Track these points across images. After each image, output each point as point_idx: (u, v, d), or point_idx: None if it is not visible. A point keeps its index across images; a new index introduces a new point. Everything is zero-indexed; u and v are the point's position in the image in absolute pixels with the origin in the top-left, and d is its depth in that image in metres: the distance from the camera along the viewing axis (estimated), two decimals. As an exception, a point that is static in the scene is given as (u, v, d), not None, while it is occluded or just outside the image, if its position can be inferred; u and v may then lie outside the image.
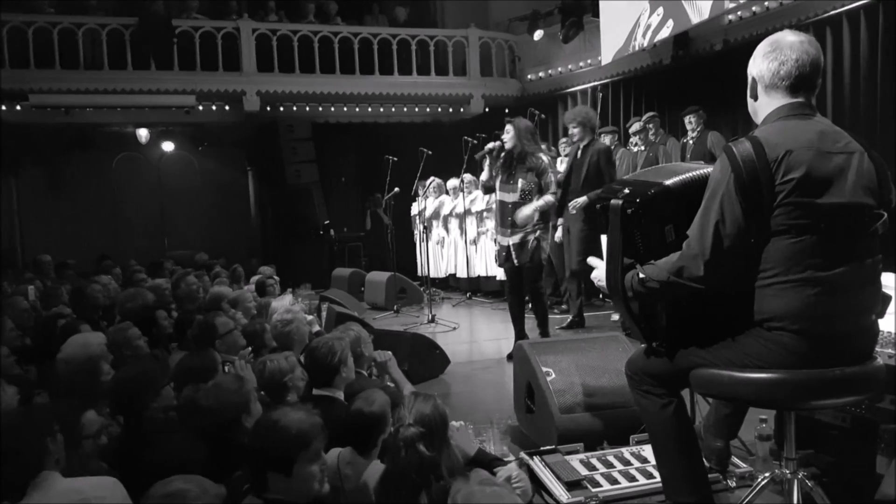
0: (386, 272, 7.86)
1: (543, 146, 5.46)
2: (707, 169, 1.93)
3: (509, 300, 5.03)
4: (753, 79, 1.91)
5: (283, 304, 3.75)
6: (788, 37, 1.87)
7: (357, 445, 2.29)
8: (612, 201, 1.94)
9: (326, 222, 10.40)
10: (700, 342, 1.93)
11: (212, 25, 9.90)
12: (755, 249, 1.77)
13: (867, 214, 1.80)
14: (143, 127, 10.62)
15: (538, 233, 4.66)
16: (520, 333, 4.83)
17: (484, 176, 4.92)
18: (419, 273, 8.99)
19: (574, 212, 5.58)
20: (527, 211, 4.62)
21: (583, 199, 5.48)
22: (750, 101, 1.95)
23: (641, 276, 1.87)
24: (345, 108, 10.69)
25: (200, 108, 9.99)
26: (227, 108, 10.22)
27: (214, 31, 9.86)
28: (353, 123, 10.92)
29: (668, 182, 1.94)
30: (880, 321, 1.95)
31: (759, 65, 1.88)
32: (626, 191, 1.94)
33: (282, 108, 10.38)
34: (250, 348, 3.49)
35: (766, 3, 7.36)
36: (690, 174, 1.94)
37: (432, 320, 6.46)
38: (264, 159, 10.71)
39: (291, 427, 1.83)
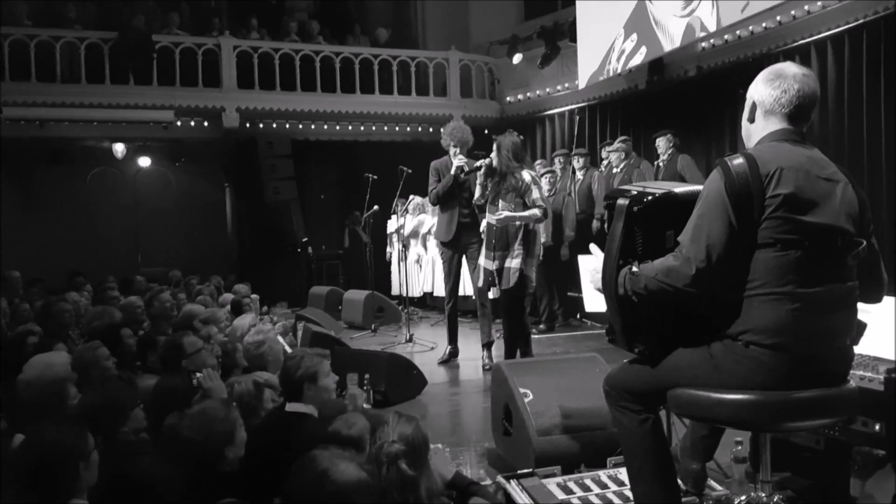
0: (364, 291, 7.80)
1: (535, 163, 5.33)
2: None
3: (503, 324, 4.89)
4: (754, 102, 1.96)
5: (244, 323, 3.67)
6: (792, 67, 1.94)
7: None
8: (619, 200, 2.00)
9: (304, 240, 10.33)
10: (680, 349, 1.94)
11: (192, 41, 9.85)
12: (742, 260, 1.80)
13: (849, 239, 1.84)
14: (120, 142, 10.47)
15: (520, 258, 4.59)
16: (510, 352, 4.76)
17: (477, 193, 4.91)
18: (395, 292, 8.94)
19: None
20: (506, 212, 4.58)
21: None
22: (745, 123, 2.00)
23: (634, 270, 1.91)
24: (325, 126, 10.68)
25: (179, 123, 9.90)
26: (205, 123, 10.15)
27: (195, 46, 9.82)
28: (334, 141, 10.90)
29: (677, 190, 2.02)
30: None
31: (762, 90, 1.93)
32: (635, 192, 2.01)
33: (261, 125, 10.33)
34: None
35: (737, 33, 7.53)
36: (697, 188, 2.00)
37: (410, 340, 6.42)
38: (243, 176, 10.62)
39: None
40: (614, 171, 7.18)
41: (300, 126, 10.54)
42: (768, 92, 1.91)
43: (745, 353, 1.80)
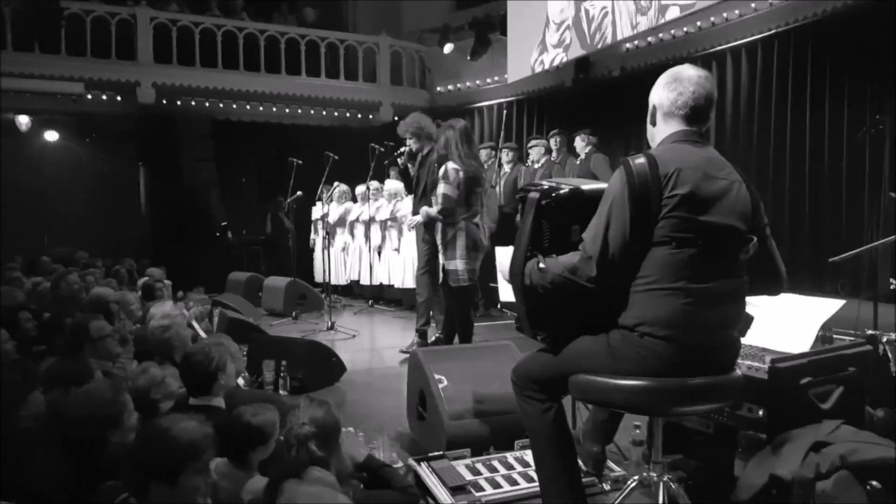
0: (286, 277, 7.69)
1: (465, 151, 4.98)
2: None
3: (447, 316, 4.91)
4: (654, 106, 2.06)
5: (163, 310, 3.58)
6: (688, 70, 2.03)
7: (235, 457, 2.24)
8: (531, 193, 2.08)
9: (224, 224, 10.04)
10: (581, 337, 2.05)
11: (105, 10, 9.35)
12: (640, 256, 1.91)
13: (739, 238, 1.97)
14: (24, 114, 9.85)
15: (463, 259, 4.60)
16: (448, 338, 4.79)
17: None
18: (318, 279, 8.86)
19: (411, 230, 5.40)
20: (415, 217, 4.60)
21: (418, 218, 5.01)
22: (649, 126, 2.10)
23: (541, 266, 1.98)
24: (248, 107, 10.39)
25: (89, 96, 9.39)
26: (118, 98, 9.67)
27: (108, 16, 9.32)
28: (257, 123, 10.63)
29: (584, 187, 2.11)
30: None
31: (660, 94, 2.04)
32: (545, 187, 2.09)
33: (179, 103, 9.94)
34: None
35: (660, 36, 7.87)
36: (601, 185, 2.09)
37: (332, 327, 6.39)
38: (158, 155, 10.21)
39: (182, 437, 1.77)
40: (535, 166, 7.36)
41: (221, 105, 10.22)
42: (666, 95, 2.02)
43: (641, 342, 1.93)
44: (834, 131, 6.41)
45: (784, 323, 2.63)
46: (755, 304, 2.16)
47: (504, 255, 2.23)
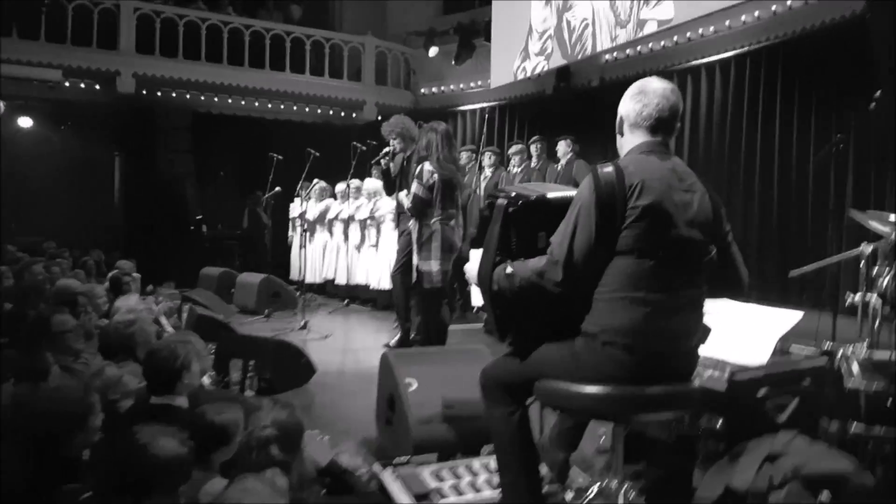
0: (260, 274, 7.62)
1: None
2: None
3: (421, 317, 4.95)
4: (621, 117, 2.10)
5: (128, 304, 3.53)
6: (654, 83, 2.07)
7: (196, 457, 2.21)
8: (499, 200, 2.12)
9: (199, 217, 9.91)
10: (547, 343, 2.08)
11: (88, -1, 9.23)
12: (603, 263, 1.94)
13: (699, 249, 2.02)
14: (-2, 98, 9.65)
15: (437, 260, 4.61)
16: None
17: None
18: (294, 277, 8.80)
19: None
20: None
21: (402, 195, 4.99)
22: (618, 136, 2.14)
23: (509, 270, 2.01)
24: (229, 100, 10.30)
25: (67, 84, 9.23)
26: (97, 87, 9.52)
27: (91, 4, 9.18)
28: (238, 117, 10.53)
29: (550, 195, 2.14)
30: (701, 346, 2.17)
31: (627, 105, 2.08)
32: (513, 194, 2.12)
33: (159, 94, 9.82)
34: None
35: (638, 48, 7.98)
36: (569, 193, 2.13)
37: (304, 327, 6.33)
38: (135, 145, 10.06)
39: (159, 455, 1.73)
40: (514, 171, 7.39)
41: (202, 98, 10.12)
42: (632, 106, 2.06)
43: (602, 350, 1.96)
44: (801, 147, 6.58)
45: (743, 334, 2.68)
46: (715, 314, 2.21)
47: (472, 261, 2.25)
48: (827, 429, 2.66)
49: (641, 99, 2.04)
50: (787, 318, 2.68)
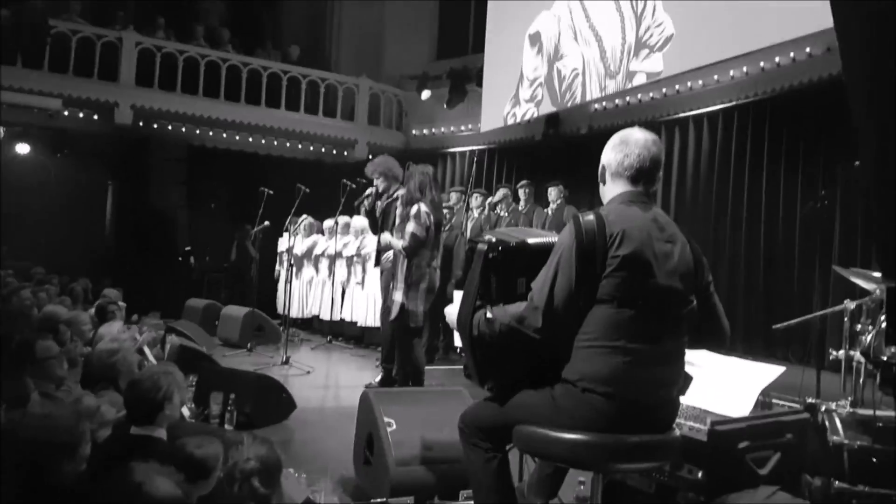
0: (244, 307, 7.53)
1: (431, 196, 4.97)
2: None
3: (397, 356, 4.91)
4: (603, 166, 2.11)
5: (111, 331, 3.46)
6: (636, 134, 2.08)
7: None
8: (479, 245, 2.10)
9: (188, 248, 9.85)
10: (526, 389, 2.04)
11: (92, 31, 9.31)
12: (583, 311, 1.92)
13: (679, 299, 2.00)
14: (-2, 124, 9.64)
15: (401, 291, 4.62)
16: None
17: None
18: (281, 311, 8.71)
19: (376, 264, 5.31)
20: (383, 235, 4.68)
21: (385, 235, 4.96)
22: (600, 184, 2.14)
23: (489, 316, 1.99)
24: (224, 135, 10.33)
25: (66, 113, 9.25)
26: (95, 117, 9.54)
27: (94, 37, 9.27)
28: (232, 151, 10.55)
29: (530, 241, 2.13)
30: (681, 397, 2.13)
31: (609, 154, 2.09)
32: (493, 239, 2.10)
33: (156, 126, 9.84)
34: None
35: (627, 99, 8.12)
36: (548, 239, 2.13)
37: (286, 362, 6.24)
38: (129, 175, 10.03)
39: (153, 496, 1.67)
40: (501, 213, 7.42)
41: (198, 132, 10.15)
42: (613, 156, 2.07)
43: (582, 397, 1.92)
44: (789, 200, 6.63)
45: (725, 386, 2.65)
46: (697, 365, 2.18)
47: (453, 305, 2.21)
48: (810, 485, 2.61)
49: (623, 149, 2.05)
50: (769, 372, 2.66)
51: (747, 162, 7.00)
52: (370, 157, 10.91)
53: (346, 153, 11.19)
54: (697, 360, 2.19)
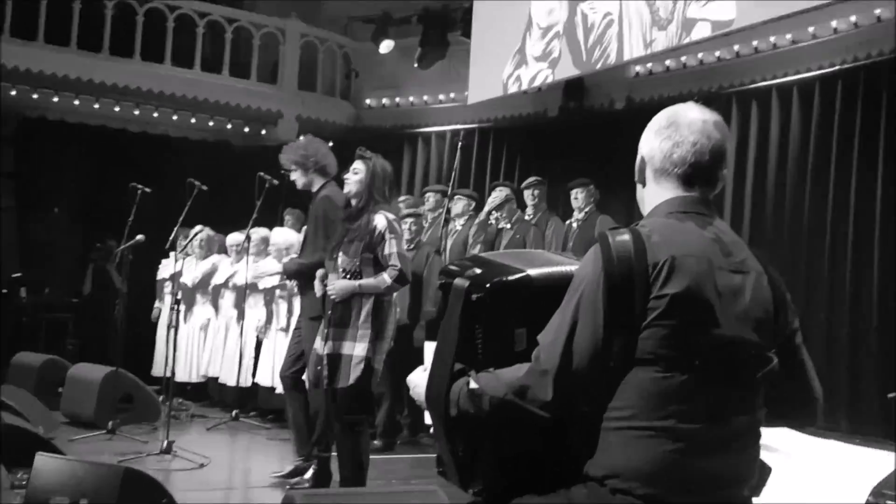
0: (105, 367, 7.51)
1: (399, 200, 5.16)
2: None
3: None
4: (642, 158, 2.12)
5: None
6: (691, 112, 2.09)
7: None
8: (457, 280, 2.08)
9: (16, 275, 9.82)
10: (530, 495, 2.08)
11: None
12: (614, 377, 1.94)
13: (753, 357, 2.07)
14: None
15: (366, 341, 4.63)
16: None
17: None
18: (157, 372, 8.69)
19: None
20: (342, 283, 4.67)
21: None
22: (638, 186, 2.17)
23: (474, 386, 2.00)
24: (76, 101, 10.33)
25: None
26: None
27: None
28: (87, 126, 10.56)
29: (533, 272, 2.10)
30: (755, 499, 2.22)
31: (651, 142, 2.10)
32: (478, 270, 2.09)
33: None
34: None
35: (683, 60, 8.31)
36: (563, 268, 2.11)
37: (168, 450, 6.24)
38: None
39: None
40: (501, 225, 7.50)
41: (35, 96, 10.14)
42: (657, 144, 2.08)
43: (613, 501, 1.99)
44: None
45: (819, 480, 2.75)
46: (778, 451, 2.26)
47: (418, 372, 2.25)
48: None
49: (672, 135, 2.08)
50: (881, 461, 2.76)
51: (855, 150, 7.14)
52: (300, 138, 10.99)
53: (263, 132, 11.27)
54: (779, 444, 2.27)
